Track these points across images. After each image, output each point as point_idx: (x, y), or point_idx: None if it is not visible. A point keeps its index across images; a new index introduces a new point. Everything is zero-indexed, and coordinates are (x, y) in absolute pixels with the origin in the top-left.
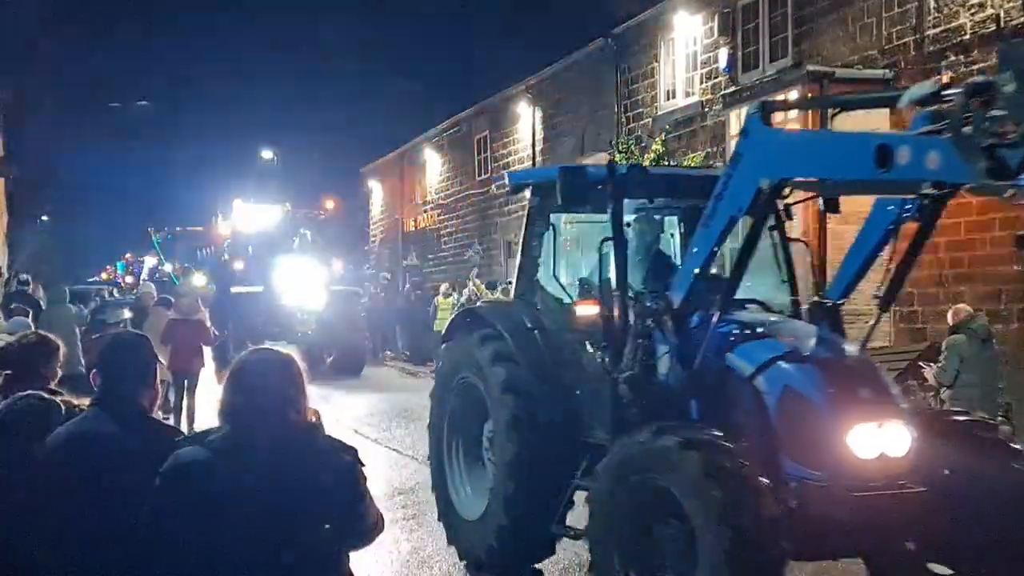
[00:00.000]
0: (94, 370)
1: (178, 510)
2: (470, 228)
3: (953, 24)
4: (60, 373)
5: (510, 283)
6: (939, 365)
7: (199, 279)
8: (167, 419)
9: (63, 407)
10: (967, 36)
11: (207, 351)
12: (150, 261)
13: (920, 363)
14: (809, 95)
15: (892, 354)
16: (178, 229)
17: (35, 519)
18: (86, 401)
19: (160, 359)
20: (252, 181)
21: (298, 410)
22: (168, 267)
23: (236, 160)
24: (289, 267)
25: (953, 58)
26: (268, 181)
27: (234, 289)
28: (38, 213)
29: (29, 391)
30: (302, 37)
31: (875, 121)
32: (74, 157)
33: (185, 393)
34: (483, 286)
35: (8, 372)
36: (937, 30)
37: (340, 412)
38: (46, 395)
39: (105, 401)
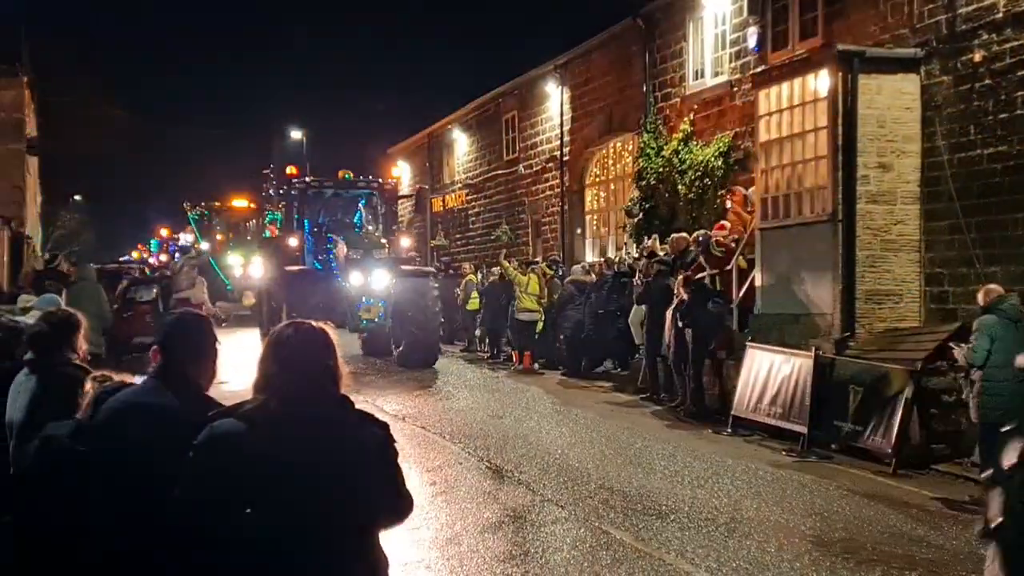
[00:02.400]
0: (154, 346)
1: (212, 481)
2: (498, 208)
3: (986, 2)
4: (86, 347)
5: (536, 262)
6: (969, 346)
7: (235, 258)
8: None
9: (101, 380)
10: (1000, 15)
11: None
12: (186, 238)
13: (950, 343)
14: (839, 74)
15: (922, 334)
16: (216, 204)
17: (85, 486)
18: (129, 377)
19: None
20: (281, 160)
21: (333, 382)
22: (205, 245)
23: (265, 139)
24: (351, 244)
25: (985, 37)
26: (297, 161)
27: (288, 268)
28: (71, 192)
29: (66, 362)
30: (331, 18)
31: (907, 90)
32: (107, 136)
33: None
34: (511, 267)
35: (35, 347)
36: (969, 8)
37: (365, 389)
38: (83, 366)
39: (163, 376)
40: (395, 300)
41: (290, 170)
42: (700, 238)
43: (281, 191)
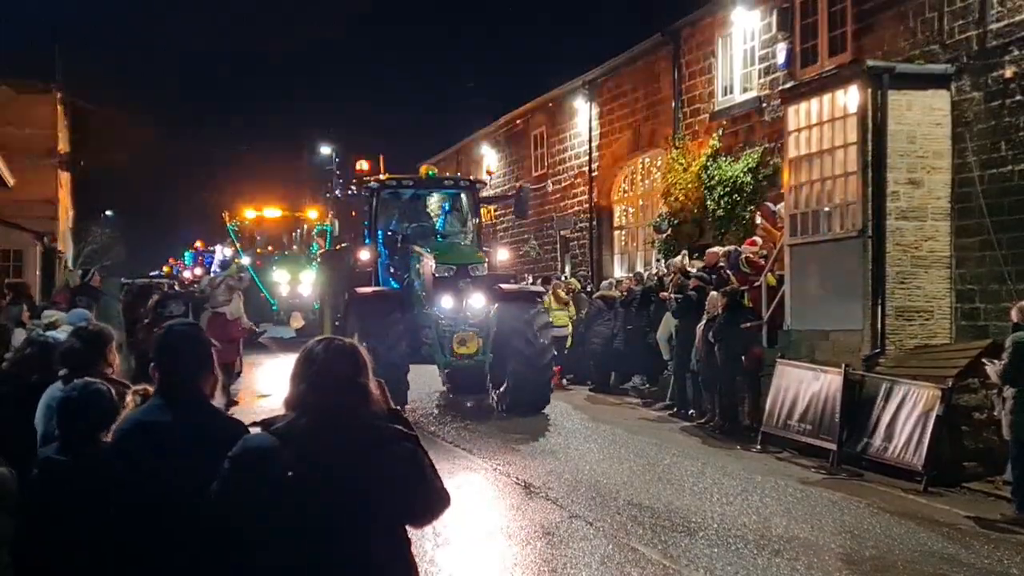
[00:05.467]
0: (152, 363)
1: (245, 494)
2: (526, 224)
3: (1017, 18)
4: (118, 361)
5: (560, 277)
6: (1003, 363)
7: (281, 274)
8: None
9: (144, 395)
10: None
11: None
12: (223, 251)
13: (983, 360)
14: (869, 90)
15: (953, 351)
16: (259, 215)
17: (100, 506)
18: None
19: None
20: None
21: (364, 399)
22: (245, 259)
23: (294, 156)
24: (440, 258)
25: (1016, 53)
26: (328, 176)
27: (360, 291)
28: (103, 207)
29: (90, 379)
30: (360, 34)
31: (938, 106)
32: (138, 151)
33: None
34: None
35: (69, 363)
36: (1000, 24)
37: None
38: (108, 382)
39: (164, 391)
40: (496, 329)
41: (360, 165)
42: (730, 255)
43: (348, 193)
